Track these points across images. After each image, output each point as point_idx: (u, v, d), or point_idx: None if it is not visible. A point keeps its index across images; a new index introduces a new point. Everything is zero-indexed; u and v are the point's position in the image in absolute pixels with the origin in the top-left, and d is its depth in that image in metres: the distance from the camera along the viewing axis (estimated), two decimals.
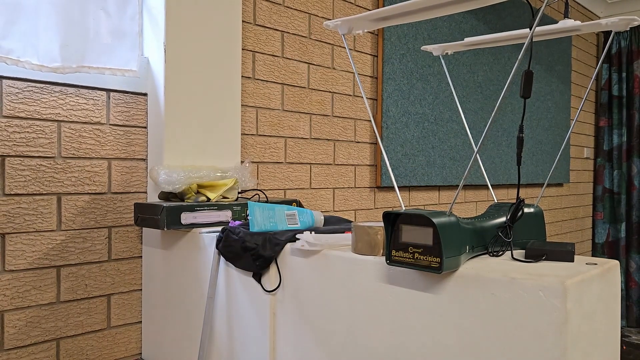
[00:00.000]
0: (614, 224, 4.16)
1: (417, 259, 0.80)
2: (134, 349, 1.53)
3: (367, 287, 0.92)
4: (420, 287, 0.84)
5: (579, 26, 1.06)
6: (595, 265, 0.81)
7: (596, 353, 0.79)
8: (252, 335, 1.15)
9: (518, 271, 0.76)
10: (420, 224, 0.80)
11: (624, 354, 3.04)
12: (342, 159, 2.15)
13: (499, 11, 2.88)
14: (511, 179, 3.06)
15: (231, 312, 1.21)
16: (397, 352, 0.88)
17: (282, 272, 1.08)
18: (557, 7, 3.40)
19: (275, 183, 1.89)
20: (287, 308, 1.08)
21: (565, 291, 0.69)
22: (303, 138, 1.99)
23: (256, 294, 1.12)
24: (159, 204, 1.28)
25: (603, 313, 0.81)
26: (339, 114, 2.12)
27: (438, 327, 0.82)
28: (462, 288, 0.79)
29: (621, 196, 4.10)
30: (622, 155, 4.11)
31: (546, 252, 0.84)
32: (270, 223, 1.17)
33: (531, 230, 0.96)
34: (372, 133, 2.27)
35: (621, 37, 4.09)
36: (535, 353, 0.72)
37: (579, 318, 0.72)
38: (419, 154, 2.46)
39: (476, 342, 0.77)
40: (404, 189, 2.44)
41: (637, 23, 1.02)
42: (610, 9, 4.17)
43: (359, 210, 2.23)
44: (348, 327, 0.96)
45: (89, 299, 1.43)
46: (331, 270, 0.98)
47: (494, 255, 0.88)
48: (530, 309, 0.72)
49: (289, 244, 1.09)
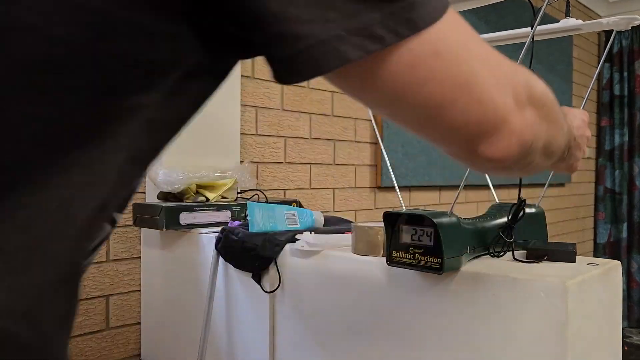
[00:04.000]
0: (616, 224, 4.15)
1: (418, 260, 0.80)
2: (133, 349, 1.52)
3: (367, 288, 0.92)
4: (421, 288, 0.83)
5: (580, 25, 1.06)
6: (597, 265, 0.80)
7: (597, 354, 0.78)
8: (251, 336, 1.15)
9: (519, 271, 0.76)
10: (421, 225, 0.80)
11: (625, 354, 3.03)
12: (342, 159, 2.14)
13: (500, 10, 2.87)
14: (512, 179, 3.06)
15: (231, 312, 1.20)
16: (398, 353, 0.87)
17: (281, 272, 1.08)
18: (558, 6, 3.39)
19: (275, 183, 1.88)
20: (287, 308, 1.07)
21: (567, 292, 0.69)
22: (303, 138, 1.98)
23: (256, 294, 1.12)
24: (157, 204, 1.27)
25: (604, 314, 0.81)
26: (339, 114, 2.12)
27: (439, 328, 0.81)
28: (463, 289, 0.78)
29: (623, 196, 4.09)
30: (623, 155, 4.10)
31: (547, 253, 0.84)
32: (270, 223, 1.17)
33: (532, 231, 0.95)
34: (372, 133, 2.26)
35: (622, 36, 4.08)
36: (536, 353, 0.71)
37: (580, 319, 0.72)
38: (419, 153, 2.46)
39: (477, 342, 0.77)
40: (405, 189, 2.44)
41: (638, 22, 1.01)
42: (611, 8, 4.16)
43: (359, 211, 2.23)
44: (348, 328, 0.95)
45: (87, 300, 1.43)
46: (331, 271, 0.98)
47: (495, 256, 0.88)
48: (531, 310, 0.72)
49: (288, 244, 1.08)
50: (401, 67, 0.33)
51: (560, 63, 3.59)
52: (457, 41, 0.35)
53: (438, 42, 0.33)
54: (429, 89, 0.34)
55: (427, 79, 0.34)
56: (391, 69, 0.33)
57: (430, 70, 0.34)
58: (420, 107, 0.36)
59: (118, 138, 0.33)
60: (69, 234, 0.33)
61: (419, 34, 0.32)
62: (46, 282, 0.32)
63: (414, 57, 0.33)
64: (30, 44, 0.28)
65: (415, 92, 0.34)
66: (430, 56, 0.33)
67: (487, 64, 0.37)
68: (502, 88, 0.38)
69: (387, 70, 0.33)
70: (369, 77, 0.33)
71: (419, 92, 0.34)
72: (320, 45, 0.30)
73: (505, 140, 0.39)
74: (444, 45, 0.34)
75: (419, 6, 0.32)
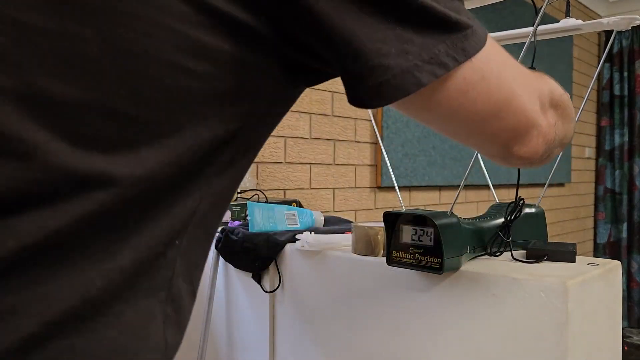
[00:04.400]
0: (616, 224, 4.15)
1: (418, 260, 0.79)
2: None
3: (367, 288, 0.92)
4: (421, 288, 0.83)
5: (580, 25, 1.05)
6: (597, 265, 0.80)
7: (597, 354, 0.78)
8: (251, 336, 1.15)
9: (519, 272, 0.76)
10: (421, 225, 0.79)
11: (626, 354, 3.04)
12: (342, 159, 2.14)
13: (500, 10, 2.87)
14: (512, 179, 3.06)
15: (231, 312, 1.20)
16: (397, 353, 0.87)
17: (281, 272, 1.08)
18: (558, 6, 3.39)
19: (275, 183, 1.88)
20: (287, 308, 1.07)
21: (567, 292, 0.69)
22: (303, 138, 1.98)
23: (256, 294, 1.12)
24: None
25: (604, 314, 0.81)
26: (339, 114, 2.12)
27: (439, 328, 0.81)
28: (463, 289, 0.78)
29: (623, 196, 4.09)
30: (623, 155, 4.10)
31: (547, 253, 0.84)
32: (270, 223, 1.17)
33: (532, 231, 0.95)
34: (372, 133, 2.26)
35: (623, 36, 4.08)
36: (536, 354, 0.71)
37: (580, 319, 0.72)
38: (419, 153, 2.46)
39: (477, 343, 0.77)
40: (405, 189, 2.44)
41: (638, 22, 1.01)
42: (611, 8, 4.16)
43: (359, 211, 2.23)
44: (348, 328, 0.95)
45: None
46: (331, 271, 0.98)
47: (493, 255, 0.88)
48: (531, 310, 0.71)
49: (288, 244, 1.08)
50: (456, 88, 0.40)
51: (561, 63, 3.59)
52: (497, 64, 0.43)
53: (484, 67, 0.41)
54: (478, 106, 0.42)
55: (476, 99, 0.42)
56: (448, 90, 0.40)
57: (478, 91, 0.41)
58: (470, 122, 0.43)
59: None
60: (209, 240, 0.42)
61: (470, 59, 0.39)
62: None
63: (466, 81, 0.40)
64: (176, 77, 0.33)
65: (467, 109, 0.42)
66: (479, 80, 0.41)
67: (520, 80, 0.45)
68: (531, 98, 0.46)
69: (444, 92, 0.40)
70: (429, 98, 0.40)
71: (470, 110, 0.42)
72: (403, 73, 0.36)
73: (534, 140, 0.48)
74: (489, 69, 0.42)
75: (470, 36, 0.39)
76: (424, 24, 0.37)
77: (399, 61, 0.36)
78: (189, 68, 0.33)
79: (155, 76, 0.32)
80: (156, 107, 0.33)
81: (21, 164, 0.29)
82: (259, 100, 0.38)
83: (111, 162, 0.31)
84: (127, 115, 0.32)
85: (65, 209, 0.30)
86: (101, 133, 0.31)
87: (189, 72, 0.33)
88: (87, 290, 0.31)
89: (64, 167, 0.30)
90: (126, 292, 0.33)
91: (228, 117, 0.36)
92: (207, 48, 0.33)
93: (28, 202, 0.29)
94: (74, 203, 0.30)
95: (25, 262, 0.29)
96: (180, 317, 0.39)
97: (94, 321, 0.32)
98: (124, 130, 0.32)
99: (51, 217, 0.30)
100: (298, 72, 0.40)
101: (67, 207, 0.30)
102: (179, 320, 0.39)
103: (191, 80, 0.33)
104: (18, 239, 0.29)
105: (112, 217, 0.32)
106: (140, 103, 0.32)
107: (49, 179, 0.30)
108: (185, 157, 0.34)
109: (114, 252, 0.32)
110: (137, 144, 0.32)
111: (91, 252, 0.32)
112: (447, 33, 0.38)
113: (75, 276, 0.31)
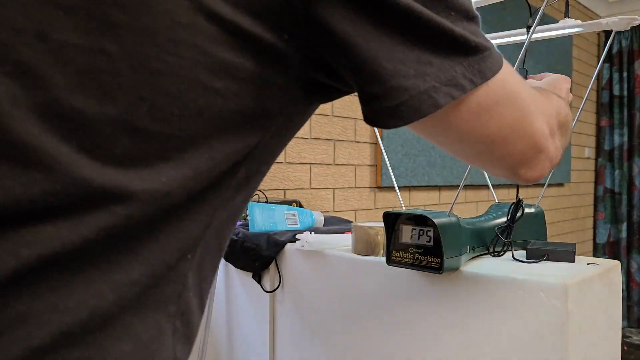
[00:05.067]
0: (615, 224, 4.15)
1: (418, 260, 0.80)
2: None
3: (367, 288, 0.92)
4: (421, 288, 0.84)
5: (579, 25, 1.06)
6: (596, 265, 0.80)
7: (597, 353, 0.79)
8: (251, 336, 1.15)
9: (519, 271, 0.76)
10: (421, 224, 0.80)
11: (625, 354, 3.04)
12: (342, 159, 2.14)
13: (500, 10, 2.87)
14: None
15: (231, 312, 1.20)
16: (397, 353, 0.87)
17: (282, 272, 1.08)
18: (557, 6, 3.40)
19: (275, 183, 1.89)
20: (287, 308, 1.07)
21: (566, 291, 0.69)
22: (303, 138, 1.98)
23: (256, 294, 1.12)
24: None
25: (604, 313, 0.81)
26: (339, 114, 2.12)
27: (438, 328, 0.81)
28: (462, 288, 0.79)
29: (622, 196, 4.09)
30: (623, 155, 4.10)
31: (547, 253, 0.84)
32: (270, 223, 1.17)
33: (532, 231, 0.95)
34: (372, 133, 2.26)
35: (622, 36, 4.09)
36: (536, 353, 0.71)
37: (579, 318, 0.72)
38: (419, 153, 2.46)
39: (477, 342, 0.77)
40: (405, 189, 2.44)
41: (637, 22, 1.01)
42: (611, 8, 4.16)
43: (359, 211, 2.23)
44: (348, 327, 0.95)
45: None
46: (331, 271, 0.98)
47: (494, 256, 0.88)
48: (531, 310, 0.72)
49: (289, 244, 1.08)
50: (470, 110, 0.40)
51: (560, 63, 3.59)
52: (511, 89, 0.43)
53: (499, 90, 0.41)
54: (489, 130, 0.43)
55: (489, 122, 0.42)
56: (462, 112, 0.40)
57: (491, 115, 0.42)
58: (480, 144, 0.44)
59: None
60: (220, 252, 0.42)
61: (487, 82, 0.39)
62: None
63: (480, 104, 0.41)
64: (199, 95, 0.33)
65: (478, 132, 0.42)
66: (493, 104, 0.41)
67: (532, 104, 0.45)
68: (541, 123, 0.47)
69: (458, 113, 0.40)
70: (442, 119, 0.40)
71: (481, 132, 0.42)
72: (421, 95, 0.36)
73: (541, 164, 0.48)
74: (503, 93, 0.42)
75: (486, 59, 0.39)
76: (443, 46, 0.37)
77: (417, 82, 0.36)
78: (211, 86, 0.33)
79: (177, 93, 0.32)
80: (177, 123, 0.33)
81: (41, 175, 0.29)
82: (277, 117, 0.38)
83: (130, 176, 0.31)
84: (147, 130, 0.32)
85: (82, 221, 0.30)
86: (121, 148, 0.31)
87: (210, 89, 0.33)
88: (98, 302, 0.31)
89: (83, 180, 0.30)
90: (136, 305, 0.33)
91: (246, 134, 0.36)
92: (230, 66, 0.33)
93: (45, 213, 0.29)
94: (91, 216, 0.30)
95: (38, 272, 0.29)
96: (189, 331, 0.39)
97: (103, 333, 0.32)
98: (143, 145, 0.32)
99: (67, 228, 0.30)
100: (316, 90, 0.40)
101: (84, 219, 0.30)
102: (188, 334, 0.39)
103: (213, 98, 0.33)
104: (33, 248, 0.29)
105: (127, 231, 0.32)
106: (161, 119, 0.32)
107: (67, 191, 0.30)
108: (203, 173, 0.34)
109: (125, 265, 0.32)
110: (156, 159, 0.32)
111: (104, 265, 0.32)
112: (465, 55, 0.38)
113: (87, 288, 0.31)
